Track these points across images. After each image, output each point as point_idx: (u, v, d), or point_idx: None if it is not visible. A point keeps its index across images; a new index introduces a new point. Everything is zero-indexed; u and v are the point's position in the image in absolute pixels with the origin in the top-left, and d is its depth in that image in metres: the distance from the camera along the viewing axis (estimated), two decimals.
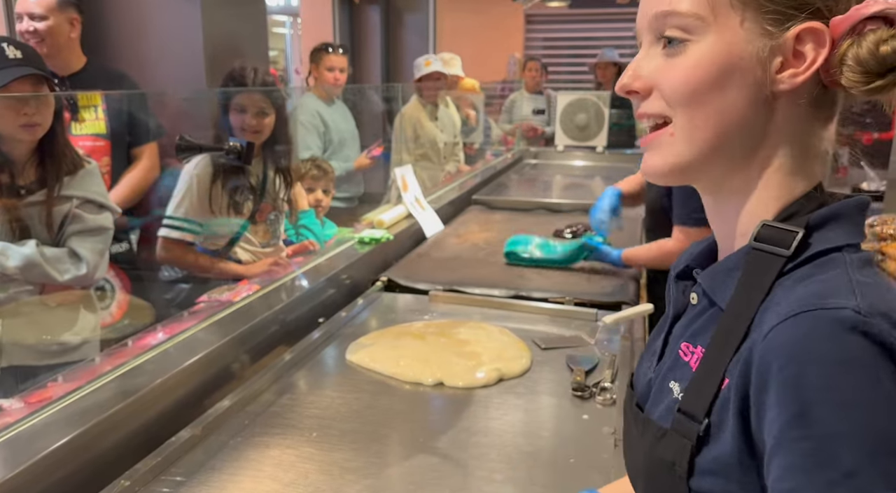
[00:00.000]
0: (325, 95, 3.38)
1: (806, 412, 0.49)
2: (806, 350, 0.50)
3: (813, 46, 0.56)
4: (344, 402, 1.29)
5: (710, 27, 0.57)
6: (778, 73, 0.57)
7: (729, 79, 0.57)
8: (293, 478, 1.05)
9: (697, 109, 0.58)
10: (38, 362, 1.65)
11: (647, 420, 0.65)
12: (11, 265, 1.55)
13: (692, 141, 0.59)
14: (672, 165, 0.61)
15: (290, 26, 6.64)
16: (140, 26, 2.56)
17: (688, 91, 0.58)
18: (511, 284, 1.90)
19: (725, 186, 0.62)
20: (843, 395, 0.48)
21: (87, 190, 1.67)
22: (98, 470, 1.02)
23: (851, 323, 0.49)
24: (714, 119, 0.58)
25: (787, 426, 0.50)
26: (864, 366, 0.48)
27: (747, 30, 0.57)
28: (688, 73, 0.58)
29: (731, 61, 0.57)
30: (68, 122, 2.17)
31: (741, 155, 0.60)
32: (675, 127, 0.60)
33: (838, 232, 0.57)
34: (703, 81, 0.58)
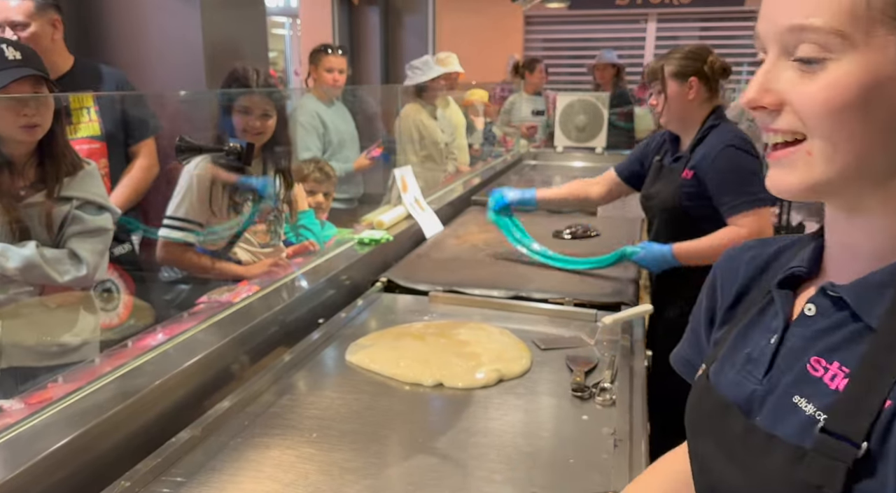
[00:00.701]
0: (325, 96, 3.38)
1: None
2: None
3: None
4: (344, 403, 1.30)
5: (853, 45, 0.53)
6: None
7: (876, 101, 0.53)
8: (293, 479, 1.05)
9: (839, 130, 0.55)
10: (37, 363, 1.65)
11: (772, 437, 0.60)
12: (11, 267, 1.55)
13: (832, 161, 0.56)
14: (809, 185, 0.57)
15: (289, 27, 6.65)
16: (140, 28, 2.56)
17: (829, 112, 0.54)
18: (510, 284, 1.90)
19: (865, 203, 0.58)
20: None
21: (86, 191, 1.67)
22: (98, 471, 1.02)
23: None
24: (858, 140, 0.55)
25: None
26: None
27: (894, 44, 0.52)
28: (829, 94, 0.54)
29: (879, 83, 0.53)
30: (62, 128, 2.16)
31: (886, 174, 0.56)
32: (813, 147, 0.56)
33: None
34: (846, 104, 0.54)
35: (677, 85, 1.95)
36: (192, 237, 2.03)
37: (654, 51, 7.02)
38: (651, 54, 7.03)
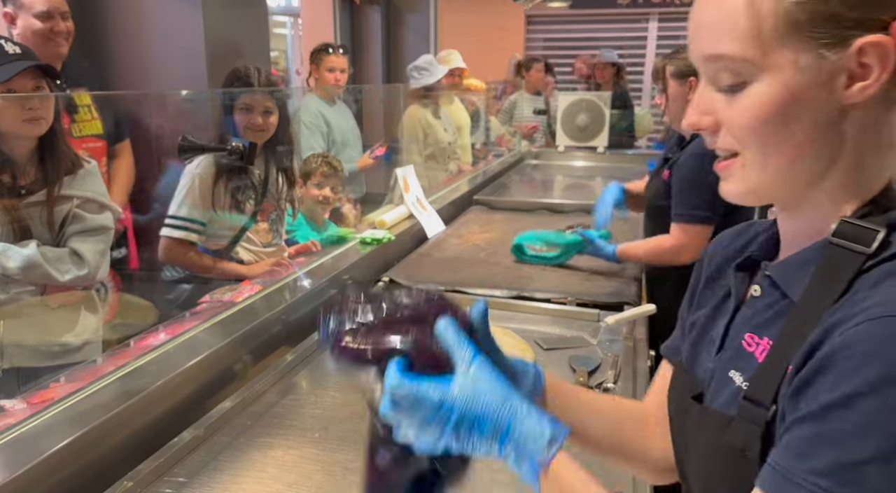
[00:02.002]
0: (327, 95, 3.38)
1: (862, 395, 0.49)
2: (884, 351, 0.50)
3: (878, 57, 0.55)
4: (346, 402, 1.29)
5: (762, 68, 0.57)
6: (846, 89, 0.56)
7: (794, 112, 0.57)
8: (296, 479, 1.05)
9: (765, 143, 0.59)
10: (39, 363, 1.64)
11: (707, 409, 0.66)
12: (13, 266, 1.54)
13: (763, 170, 0.60)
14: (747, 190, 0.63)
15: (290, 27, 6.64)
16: (141, 27, 2.56)
17: (752, 130, 0.59)
18: (513, 284, 1.90)
19: (800, 201, 0.63)
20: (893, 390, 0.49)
21: (87, 189, 1.67)
22: (101, 471, 1.02)
23: None
24: (785, 148, 0.59)
25: (837, 402, 0.50)
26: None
27: (803, 62, 0.56)
28: (749, 114, 0.58)
29: (792, 96, 0.57)
30: (69, 124, 2.17)
31: (818, 171, 0.60)
32: (745, 160, 0.61)
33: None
34: (767, 121, 0.58)
35: (677, 84, 1.95)
36: (194, 236, 2.03)
37: (655, 50, 7.02)
38: (653, 54, 7.02)
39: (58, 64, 2.24)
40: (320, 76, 3.43)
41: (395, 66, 5.42)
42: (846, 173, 0.60)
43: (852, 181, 0.60)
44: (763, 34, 0.56)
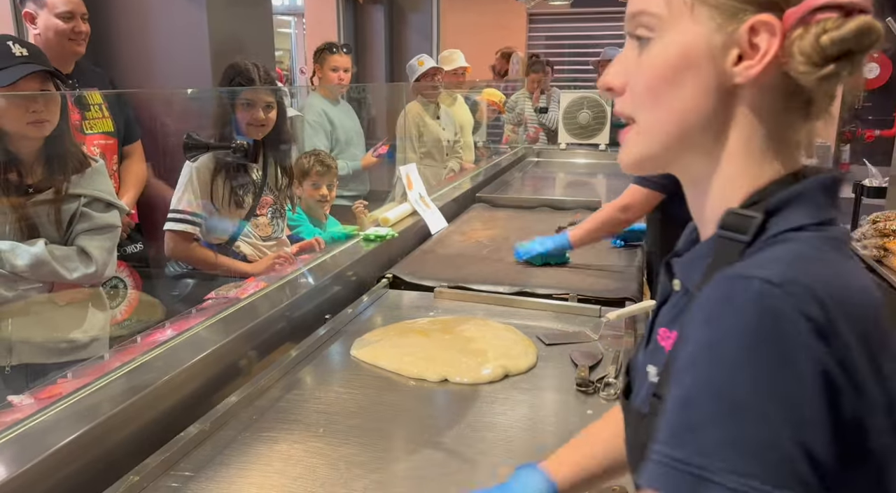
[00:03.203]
0: (331, 94, 3.40)
1: (694, 362, 0.52)
2: (711, 311, 0.52)
3: (767, 38, 0.56)
4: (350, 398, 1.30)
5: (668, 24, 0.59)
6: (735, 66, 0.57)
7: (685, 75, 0.59)
8: (301, 472, 1.06)
9: (657, 106, 0.60)
10: (47, 359, 1.66)
11: (629, 406, 0.68)
12: (21, 264, 1.56)
13: (654, 136, 0.62)
14: (637, 159, 0.64)
15: (294, 26, 6.66)
16: (146, 27, 2.57)
17: (648, 91, 0.61)
18: (515, 280, 1.91)
19: (695, 175, 0.63)
20: (722, 353, 0.50)
21: (94, 188, 1.68)
22: (107, 465, 1.03)
23: (754, 292, 0.50)
24: (675, 115, 0.60)
25: (678, 369, 0.53)
26: (750, 332, 0.50)
27: (701, 25, 0.58)
28: (647, 70, 0.60)
29: (685, 57, 0.58)
30: (79, 121, 2.19)
31: (704, 146, 0.61)
32: (639, 126, 0.62)
33: (799, 213, 0.57)
34: (660, 79, 0.60)
35: None
36: (195, 229, 2.05)
37: None
38: None
39: (71, 64, 2.26)
40: (324, 75, 3.45)
41: (398, 65, 5.43)
42: (735, 161, 0.60)
43: (741, 171, 0.60)
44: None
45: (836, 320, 0.50)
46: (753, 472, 0.46)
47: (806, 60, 0.54)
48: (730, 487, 0.46)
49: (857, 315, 0.52)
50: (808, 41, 0.54)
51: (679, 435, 0.50)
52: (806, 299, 0.50)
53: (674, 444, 0.50)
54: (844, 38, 0.54)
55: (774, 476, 0.46)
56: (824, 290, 0.51)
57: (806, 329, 0.49)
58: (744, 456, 0.47)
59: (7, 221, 1.58)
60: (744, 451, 0.47)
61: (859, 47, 0.55)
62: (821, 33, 0.54)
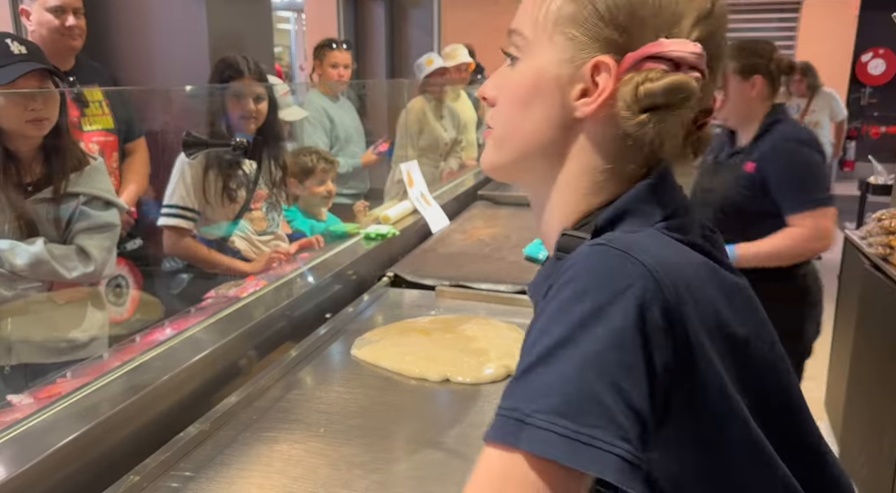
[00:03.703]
0: (330, 91, 3.38)
1: (533, 322, 0.56)
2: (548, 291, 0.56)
3: (605, 78, 0.58)
4: (351, 397, 1.30)
5: (532, 48, 0.62)
6: (577, 101, 0.60)
7: (535, 100, 0.62)
8: (301, 473, 1.05)
9: (509, 123, 0.65)
10: (46, 359, 1.65)
11: None
12: (20, 263, 1.55)
13: (502, 148, 0.66)
14: (489, 164, 0.68)
15: (294, 22, 6.65)
16: (145, 24, 2.57)
17: (506, 107, 0.65)
18: (517, 279, 1.90)
19: (536, 194, 0.67)
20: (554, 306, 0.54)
21: (93, 187, 1.67)
22: (107, 465, 1.03)
23: (580, 254, 0.56)
24: (520, 134, 0.64)
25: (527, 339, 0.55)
26: (575, 280, 0.53)
27: (556, 54, 0.61)
28: (508, 91, 0.64)
29: (537, 83, 0.62)
30: (78, 118, 2.18)
31: (544, 170, 0.64)
32: (494, 136, 0.67)
33: (630, 226, 0.60)
34: (515, 99, 0.64)
35: (740, 81, 1.90)
36: (188, 223, 2.04)
37: None
38: None
39: (71, 60, 2.25)
40: (324, 72, 3.44)
41: (399, 61, 5.42)
42: (571, 187, 0.63)
43: (577, 197, 0.63)
44: (540, 19, 0.61)
45: (668, 269, 0.53)
46: (563, 411, 0.48)
47: (625, 106, 0.57)
48: (539, 426, 0.48)
49: (686, 277, 0.55)
50: (630, 88, 0.57)
51: (509, 388, 0.52)
52: (633, 248, 0.54)
53: (504, 396, 0.52)
54: (654, 92, 0.56)
55: (583, 415, 0.48)
56: (650, 245, 0.55)
57: (631, 272, 0.52)
58: (556, 397, 0.49)
59: (6, 219, 1.57)
60: (554, 390, 0.49)
61: (668, 103, 0.56)
62: (641, 83, 0.57)
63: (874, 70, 6.86)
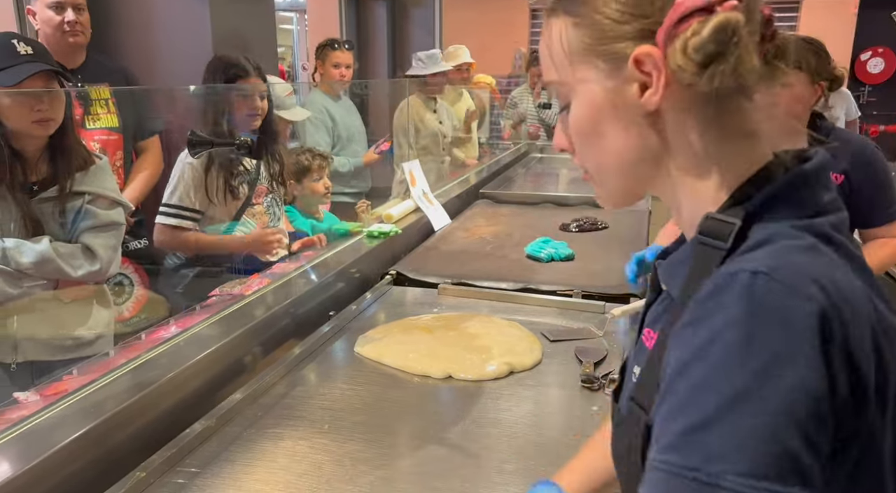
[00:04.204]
0: (332, 90, 3.39)
1: (686, 365, 0.50)
2: (699, 312, 0.51)
3: (651, 65, 0.57)
4: (355, 394, 1.31)
5: (570, 86, 0.63)
6: (641, 98, 0.59)
7: (601, 124, 0.62)
8: (306, 469, 1.06)
9: (594, 156, 0.65)
10: (52, 356, 1.66)
11: (615, 407, 0.69)
12: (25, 262, 1.56)
13: (605, 180, 0.66)
14: (605, 198, 0.68)
15: (296, 22, 6.65)
16: (148, 23, 2.57)
17: (580, 147, 0.65)
18: (519, 277, 1.91)
19: (664, 194, 0.65)
20: (714, 352, 0.49)
21: (98, 186, 1.68)
22: (114, 462, 1.04)
23: (741, 285, 0.50)
24: (610, 158, 0.63)
25: (670, 377, 0.51)
26: (740, 324, 0.49)
27: (598, 78, 0.61)
28: (573, 130, 0.65)
29: (597, 110, 0.62)
30: (81, 117, 2.19)
31: (654, 173, 0.63)
32: (591, 175, 0.67)
33: (779, 215, 0.56)
34: (585, 135, 0.64)
35: (807, 85, 1.71)
36: (188, 223, 2.05)
37: None
38: None
39: (77, 57, 2.26)
40: (325, 72, 3.44)
41: (401, 61, 5.42)
42: (691, 172, 0.61)
43: (702, 178, 0.60)
44: (567, 59, 0.62)
45: (837, 300, 0.49)
46: (756, 471, 0.45)
47: (687, 72, 0.55)
48: (734, 489, 0.45)
49: (853, 299, 0.51)
50: (679, 56, 0.55)
51: (679, 440, 0.48)
52: (800, 280, 0.49)
53: (674, 450, 0.48)
54: (702, 44, 0.54)
55: (782, 476, 0.45)
56: (818, 272, 0.51)
57: (805, 310, 0.48)
58: (746, 455, 0.46)
59: (12, 218, 1.58)
60: (745, 449, 0.46)
61: (722, 45, 0.54)
62: (685, 45, 0.55)
63: (873, 69, 6.85)
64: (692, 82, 0.56)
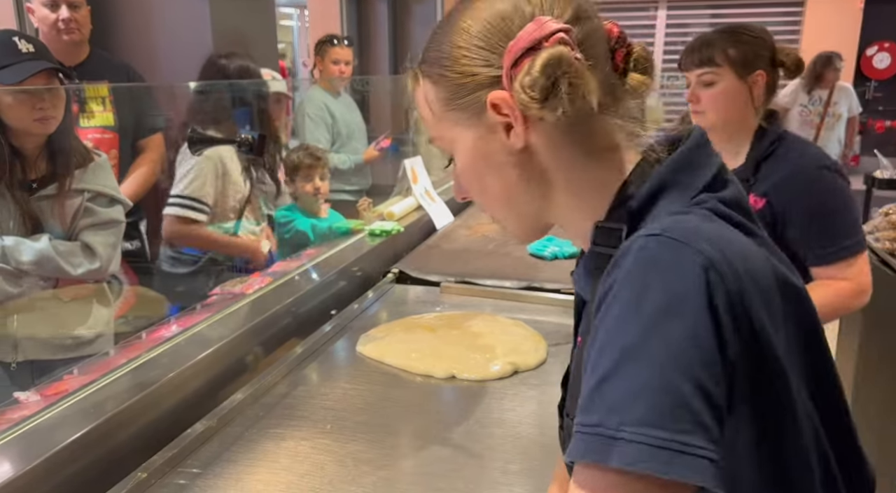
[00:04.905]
0: (331, 87, 3.38)
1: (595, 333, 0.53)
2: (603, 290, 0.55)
3: (507, 106, 0.60)
4: (357, 394, 1.30)
5: (448, 142, 0.67)
6: (509, 138, 0.62)
7: (483, 169, 0.65)
8: (308, 469, 1.05)
9: (487, 201, 0.68)
10: (52, 356, 1.66)
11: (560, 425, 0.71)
12: (25, 260, 1.55)
13: (505, 220, 0.70)
14: (516, 236, 0.72)
15: (297, 18, 6.63)
16: (149, 20, 2.56)
17: (474, 194, 0.69)
18: (523, 275, 1.90)
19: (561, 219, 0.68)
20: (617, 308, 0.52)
21: (98, 183, 1.67)
22: (115, 462, 1.03)
23: (636, 247, 0.53)
24: (500, 200, 0.67)
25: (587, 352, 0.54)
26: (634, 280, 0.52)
27: (465, 128, 0.64)
28: (464, 181, 0.68)
29: (473, 156, 0.65)
30: (76, 114, 2.18)
31: (541, 201, 0.66)
32: (496, 219, 0.70)
33: (665, 207, 0.58)
34: (472, 182, 0.68)
35: (735, 78, 1.44)
36: (200, 216, 2.07)
37: (664, 39, 6.96)
38: (662, 42, 6.97)
39: (76, 54, 2.25)
40: (325, 68, 3.43)
41: (402, 57, 5.40)
42: (573, 192, 0.64)
43: (585, 195, 0.64)
44: (436, 116, 0.66)
45: (729, 257, 0.51)
46: (651, 420, 0.47)
47: (532, 109, 0.58)
48: (632, 440, 0.47)
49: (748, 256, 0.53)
50: (521, 95, 0.58)
51: (586, 401, 0.51)
52: (690, 236, 0.52)
53: (582, 411, 0.51)
54: (536, 81, 0.57)
55: (674, 422, 0.47)
56: (710, 230, 0.53)
57: (695, 262, 0.50)
58: (640, 405, 0.47)
59: (11, 216, 1.57)
60: (639, 400, 0.47)
61: (555, 76, 0.57)
62: (521, 85, 0.58)
63: (879, 64, 6.82)
64: (541, 116, 0.59)
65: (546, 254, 2.08)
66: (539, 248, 2.11)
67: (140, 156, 2.39)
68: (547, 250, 2.09)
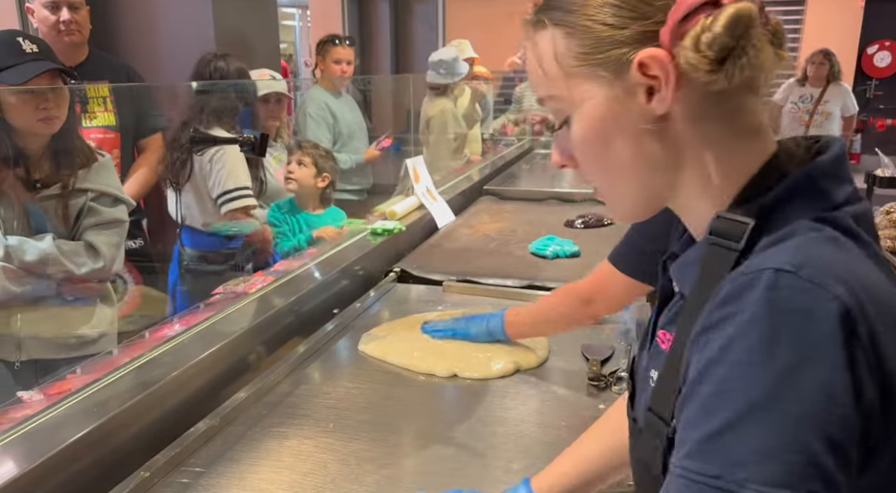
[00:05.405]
0: (333, 87, 3.38)
1: (707, 370, 0.49)
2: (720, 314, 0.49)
3: (658, 67, 0.54)
4: (360, 393, 1.30)
5: (571, 100, 0.59)
6: (649, 103, 0.56)
7: (609, 134, 0.58)
8: (311, 468, 1.06)
9: (604, 173, 0.62)
10: (56, 355, 1.66)
11: (631, 416, 0.67)
12: (29, 259, 1.56)
13: (619, 196, 0.63)
14: (621, 214, 0.65)
15: (299, 18, 6.64)
16: (151, 20, 2.57)
17: (587, 164, 0.62)
18: (524, 274, 1.90)
19: (678, 200, 0.62)
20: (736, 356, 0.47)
21: (101, 183, 1.68)
22: (117, 461, 1.03)
23: (764, 284, 0.48)
24: (623, 172, 0.60)
25: (693, 380, 0.50)
26: (763, 323, 0.47)
27: (599, 89, 0.57)
28: (577, 146, 0.61)
29: (602, 122, 0.58)
30: (78, 115, 2.18)
31: (668, 177, 0.59)
32: (600, 190, 0.64)
33: (796, 210, 0.54)
34: (592, 151, 0.60)
35: None
36: (252, 200, 2.20)
37: None
38: None
39: (76, 55, 2.25)
40: (326, 68, 3.43)
41: (404, 56, 5.41)
42: (704, 170, 0.58)
43: (717, 175, 0.58)
44: (561, 72, 0.58)
45: (863, 300, 0.47)
46: (778, 479, 0.44)
47: (701, 71, 0.53)
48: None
49: (879, 296, 0.49)
50: (690, 54, 0.52)
51: (700, 447, 0.47)
52: (826, 279, 0.47)
53: (695, 457, 0.47)
54: (718, 40, 0.52)
55: (801, 481, 0.44)
56: (843, 268, 0.49)
57: (830, 311, 0.46)
58: (768, 462, 0.45)
59: (15, 216, 1.58)
60: (767, 456, 0.45)
61: (738, 39, 0.52)
62: (696, 42, 0.52)
63: (880, 62, 6.81)
64: (707, 81, 0.53)
65: (547, 253, 2.08)
66: (540, 247, 2.11)
67: (142, 155, 2.39)
68: (548, 249, 2.09)
